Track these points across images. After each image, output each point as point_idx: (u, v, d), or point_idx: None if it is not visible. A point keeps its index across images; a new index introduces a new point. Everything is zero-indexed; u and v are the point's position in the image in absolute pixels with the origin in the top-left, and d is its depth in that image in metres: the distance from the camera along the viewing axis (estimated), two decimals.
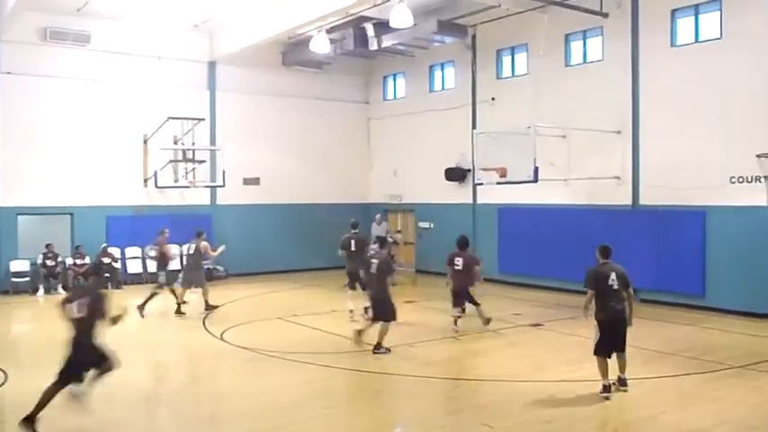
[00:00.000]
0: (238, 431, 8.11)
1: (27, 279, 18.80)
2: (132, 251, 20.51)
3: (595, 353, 9.16)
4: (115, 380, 10.02)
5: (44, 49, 19.15)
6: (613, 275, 9.20)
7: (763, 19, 14.36)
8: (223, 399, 9.54)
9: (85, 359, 7.98)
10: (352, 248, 14.85)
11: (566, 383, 9.77)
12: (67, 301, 8.24)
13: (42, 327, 15.63)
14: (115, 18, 19.70)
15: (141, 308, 14.92)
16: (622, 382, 9.16)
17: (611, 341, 9.07)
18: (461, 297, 13.38)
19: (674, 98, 15.94)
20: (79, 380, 7.99)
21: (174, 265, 18.11)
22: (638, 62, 16.65)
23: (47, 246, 18.81)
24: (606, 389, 8.96)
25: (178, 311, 15.23)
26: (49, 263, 18.78)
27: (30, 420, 7.70)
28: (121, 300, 10.08)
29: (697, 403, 8.88)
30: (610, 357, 9.11)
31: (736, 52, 14.81)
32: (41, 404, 7.78)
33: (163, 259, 16.28)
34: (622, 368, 9.21)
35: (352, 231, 15.25)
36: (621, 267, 9.38)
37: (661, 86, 16.21)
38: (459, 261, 13.29)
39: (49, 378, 8.82)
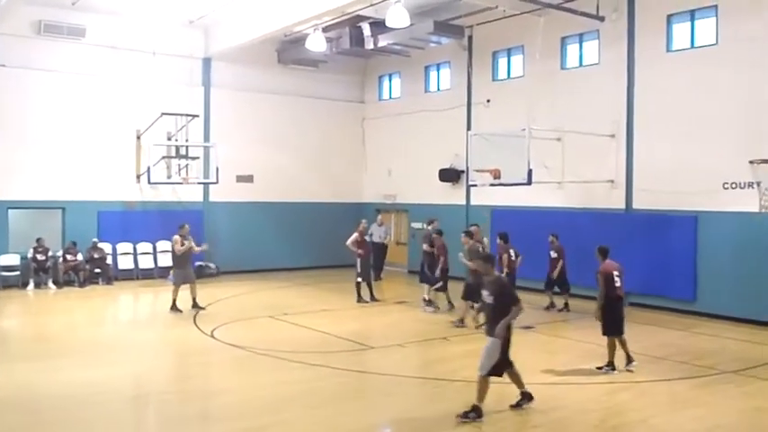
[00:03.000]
0: (227, 429, 8.06)
1: (17, 273, 18.68)
2: (123, 247, 20.41)
3: (611, 333, 10.34)
4: (104, 377, 10.01)
5: (38, 43, 19.05)
6: (616, 272, 10.60)
7: (759, 25, 14.39)
8: (212, 396, 9.49)
9: None
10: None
11: (555, 386, 9.75)
12: None
13: (32, 321, 15.58)
14: (110, 12, 19.60)
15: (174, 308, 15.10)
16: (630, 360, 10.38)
17: (621, 322, 10.39)
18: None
19: (669, 103, 15.96)
20: None
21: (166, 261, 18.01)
22: (633, 67, 16.67)
23: (37, 240, 18.71)
24: (612, 365, 10.26)
25: (174, 308, 15.14)
26: (39, 257, 18.67)
27: None
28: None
29: (687, 408, 8.88)
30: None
31: (731, 58, 14.83)
32: None
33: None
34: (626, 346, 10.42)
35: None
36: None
37: (656, 91, 16.23)
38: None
39: (38, 372, 8.79)
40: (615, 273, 10.49)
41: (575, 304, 15.73)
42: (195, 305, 15.28)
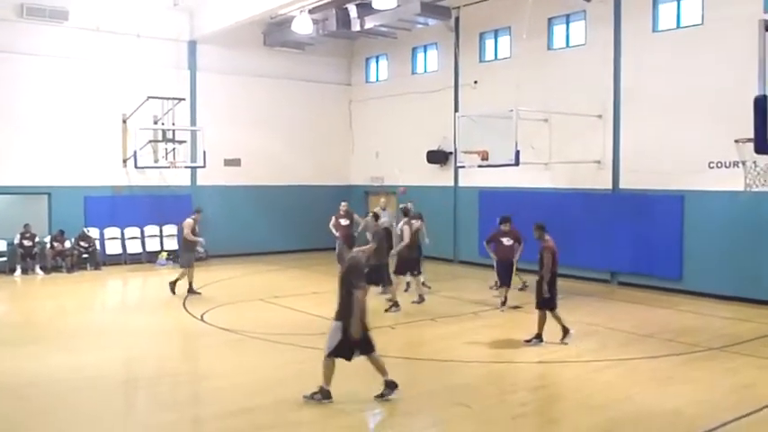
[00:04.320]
0: (219, 412, 8.10)
1: (4, 259, 18.59)
2: (111, 232, 20.33)
3: (547, 307, 10.94)
4: (93, 362, 10.01)
5: (21, 26, 18.82)
6: None
7: (744, 5, 14.40)
8: (203, 380, 9.54)
9: None
10: None
11: (542, 365, 9.87)
12: None
13: (19, 306, 15.54)
14: None
15: (191, 291, 15.24)
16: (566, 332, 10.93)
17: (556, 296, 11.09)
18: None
19: (655, 83, 16.01)
20: None
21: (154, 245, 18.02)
22: (620, 47, 16.69)
23: (24, 226, 18.59)
24: (540, 337, 10.83)
25: (191, 290, 15.28)
26: (26, 243, 18.56)
27: None
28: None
29: (672, 384, 9.00)
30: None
31: (716, 38, 14.88)
32: None
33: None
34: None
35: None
36: None
37: (642, 71, 16.27)
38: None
39: (25, 357, 8.77)
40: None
41: (564, 285, 15.82)
42: (191, 290, 15.27)
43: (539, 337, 10.90)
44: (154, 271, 19.30)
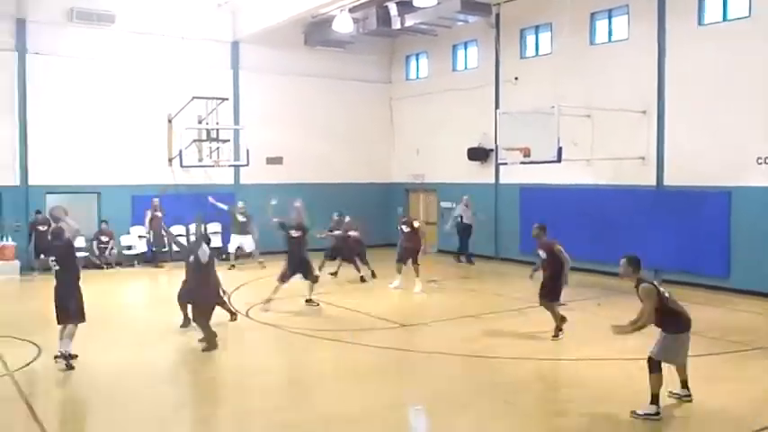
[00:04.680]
0: (265, 406, 8.26)
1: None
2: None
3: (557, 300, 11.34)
4: (136, 356, 10.27)
5: (70, 30, 19.35)
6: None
7: None
8: (248, 374, 9.67)
9: None
10: None
11: (587, 362, 9.83)
12: None
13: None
14: None
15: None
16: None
17: None
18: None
19: (701, 78, 15.75)
20: None
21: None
22: (664, 41, 16.45)
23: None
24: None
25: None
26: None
27: None
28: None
29: (721, 382, 8.90)
30: None
31: (764, 31, 14.57)
32: None
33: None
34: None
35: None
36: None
37: (687, 66, 16.01)
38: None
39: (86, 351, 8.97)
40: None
41: (602, 282, 15.75)
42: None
43: (560, 328, 11.26)
44: None
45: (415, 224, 16.25)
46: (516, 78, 20.15)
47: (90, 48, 19.74)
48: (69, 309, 9.48)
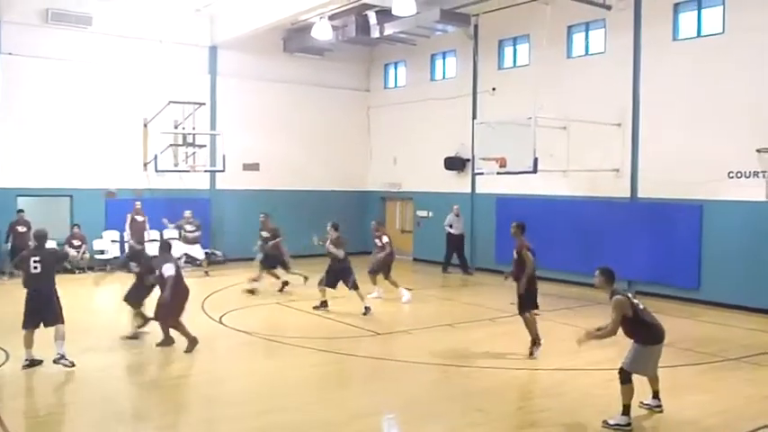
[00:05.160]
0: (235, 413, 8.17)
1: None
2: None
3: (531, 308, 10.92)
4: (111, 362, 10.15)
5: (45, 31, 19.13)
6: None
7: (766, 14, 14.37)
8: (221, 382, 9.60)
9: None
10: None
11: (561, 372, 9.87)
12: None
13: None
14: (117, 0, 19.64)
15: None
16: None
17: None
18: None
19: (675, 92, 15.98)
20: None
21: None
22: (639, 55, 16.68)
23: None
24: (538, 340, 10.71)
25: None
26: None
27: None
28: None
29: (691, 394, 8.98)
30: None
31: (737, 47, 14.84)
32: None
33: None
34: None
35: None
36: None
37: (662, 80, 16.24)
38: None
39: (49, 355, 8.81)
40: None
41: (581, 293, 15.86)
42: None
43: (536, 341, 10.73)
44: None
45: (384, 239, 15.82)
46: (494, 89, 20.29)
47: (65, 49, 19.52)
48: (56, 311, 9.62)
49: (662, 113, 16.26)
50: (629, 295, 8.08)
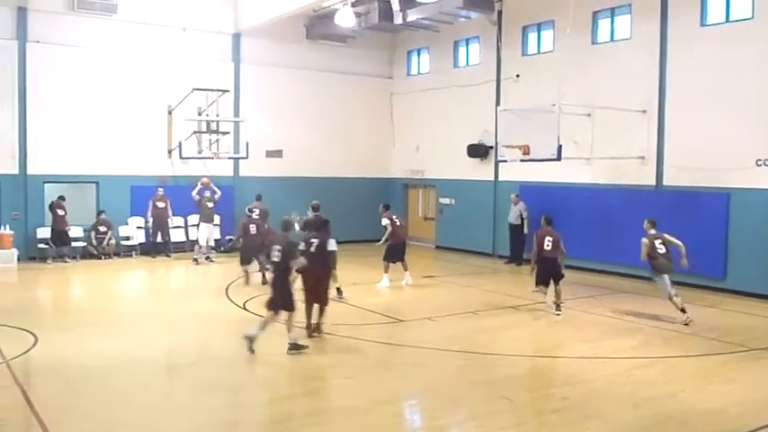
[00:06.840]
0: (258, 399, 8.27)
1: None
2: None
3: (541, 283, 13.01)
4: (136, 347, 10.28)
5: (71, 19, 19.28)
6: (548, 237, 12.90)
7: None
8: (244, 367, 9.68)
9: None
10: None
11: (584, 360, 9.85)
12: None
13: (66, 291, 15.97)
14: None
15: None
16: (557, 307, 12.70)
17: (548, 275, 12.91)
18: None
19: (702, 78, 15.74)
20: None
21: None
22: (666, 41, 16.44)
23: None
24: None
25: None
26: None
27: None
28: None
29: (715, 383, 8.92)
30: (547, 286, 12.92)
31: (766, 32, 14.57)
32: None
33: None
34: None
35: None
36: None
37: (689, 66, 16.00)
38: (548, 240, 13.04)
39: (73, 342, 8.95)
40: (548, 237, 12.81)
41: (600, 280, 15.76)
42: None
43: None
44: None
45: (383, 221, 15.85)
46: (518, 75, 20.14)
47: (91, 37, 19.68)
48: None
49: (688, 100, 16.04)
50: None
